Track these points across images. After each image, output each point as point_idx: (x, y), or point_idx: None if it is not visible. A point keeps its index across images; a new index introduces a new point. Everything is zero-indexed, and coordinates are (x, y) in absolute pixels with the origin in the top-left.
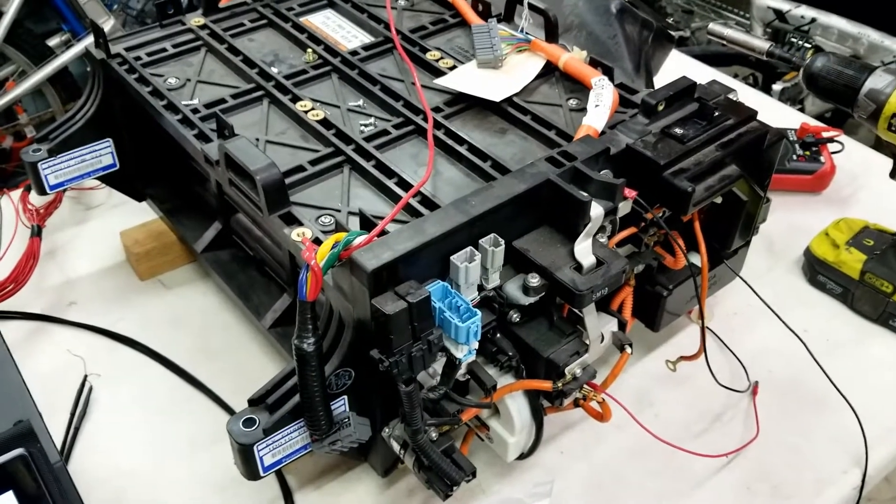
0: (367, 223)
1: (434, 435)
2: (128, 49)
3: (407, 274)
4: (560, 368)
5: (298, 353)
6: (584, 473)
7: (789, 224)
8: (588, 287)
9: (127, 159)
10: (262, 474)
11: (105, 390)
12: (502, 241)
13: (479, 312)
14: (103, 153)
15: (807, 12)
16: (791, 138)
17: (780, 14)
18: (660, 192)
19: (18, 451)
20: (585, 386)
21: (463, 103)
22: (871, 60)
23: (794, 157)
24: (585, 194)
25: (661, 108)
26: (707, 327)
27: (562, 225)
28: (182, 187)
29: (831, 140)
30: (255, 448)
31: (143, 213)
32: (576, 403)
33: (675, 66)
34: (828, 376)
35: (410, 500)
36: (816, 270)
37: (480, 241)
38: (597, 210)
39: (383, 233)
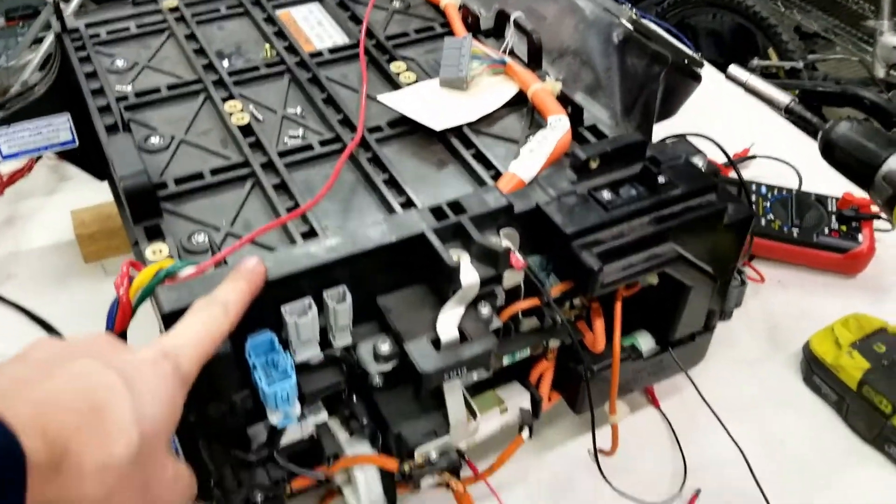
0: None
1: (259, 498)
2: (90, 24)
3: None
4: (410, 448)
5: None
6: None
7: (803, 309)
8: (435, 368)
9: (87, 136)
10: None
11: None
12: (349, 297)
13: (293, 376)
14: (61, 128)
15: None
16: (829, 208)
17: None
18: (567, 265)
19: None
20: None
21: (408, 125)
22: None
23: (827, 230)
24: (455, 259)
25: (594, 164)
26: (665, 416)
27: (436, 287)
28: None
29: (877, 216)
30: None
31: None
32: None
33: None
34: None
35: None
36: (813, 370)
37: (325, 293)
38: (471, 277)
39: (225, 263)
